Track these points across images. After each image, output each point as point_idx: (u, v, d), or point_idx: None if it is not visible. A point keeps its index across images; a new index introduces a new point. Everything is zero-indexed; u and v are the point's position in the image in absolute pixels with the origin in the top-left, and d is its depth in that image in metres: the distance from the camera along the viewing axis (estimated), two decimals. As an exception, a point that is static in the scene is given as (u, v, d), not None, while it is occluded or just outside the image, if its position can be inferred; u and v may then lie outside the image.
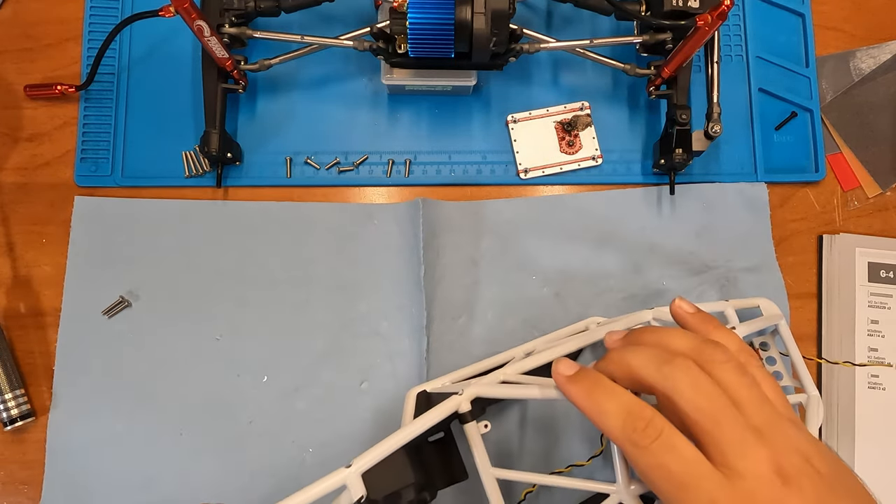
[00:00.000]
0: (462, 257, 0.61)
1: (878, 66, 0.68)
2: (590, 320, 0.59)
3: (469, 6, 0.52)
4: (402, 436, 0.43)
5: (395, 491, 0.43)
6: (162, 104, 0.63)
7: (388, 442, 0.43)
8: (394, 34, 0.55)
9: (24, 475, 0.58)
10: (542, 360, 0.50)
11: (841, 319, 0.62)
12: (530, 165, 0.63)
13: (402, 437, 0.43)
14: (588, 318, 0.60)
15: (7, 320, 0.60)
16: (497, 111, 0.64)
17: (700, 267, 0.62)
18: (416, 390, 0.52)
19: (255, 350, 0.59)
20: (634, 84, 0.65)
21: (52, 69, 0.63)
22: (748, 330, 0.51)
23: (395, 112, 0.64)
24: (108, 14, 0.64)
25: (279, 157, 0.63)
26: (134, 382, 0.58)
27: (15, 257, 0.61)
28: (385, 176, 0.63)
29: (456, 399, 0.46)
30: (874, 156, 0.66)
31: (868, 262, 0.63)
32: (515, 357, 0.56)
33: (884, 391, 0.61)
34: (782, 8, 0.67)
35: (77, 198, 0.61)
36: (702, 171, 0.64)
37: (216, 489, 0.57)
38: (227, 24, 0.58)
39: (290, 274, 0.61)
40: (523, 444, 0.59)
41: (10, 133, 0.63)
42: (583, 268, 0.62)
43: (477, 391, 0.47)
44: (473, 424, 0.47)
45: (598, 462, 0.57)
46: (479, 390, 0.47)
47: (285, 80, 0.64)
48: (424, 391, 0.52)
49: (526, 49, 0.58)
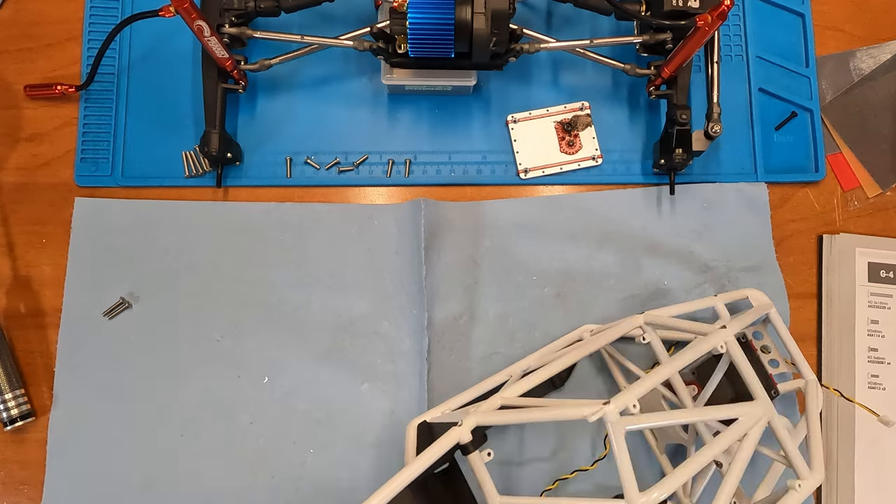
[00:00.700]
0: (463, 257, 0.61)
1: (878, 66, 0.68)
2: (583, 329, 0.59)
3: (469, 6, 0.52)
4: (405, 476, 0.44)
5: None
6: (162, 104, 0.63)
7: (392, 483, 0.43)
8: (394, 34, 0.55)
9: (24, 475, 0.58)
10: (539, 380, 0.50)
11: (841, 319, 0.62)
12: (530, 165, 0.63)
13: (406, 476, 0.44)
14: (589, 318, 0.60)
15: (7, 320, 0.60)
16: (497, 111, 0.64)
17: (700, 267, 0.62)
18: (416, 422, 0.52)
19: (255, 351, 0.59)
20: (634, 84, 0.65)
21: (52, 69, 0.63)
22: (740, 325, 0.51)
23: (395, 112, 0.64)
24: (108, 14, 0.64)
25: (279, 157, 0.63)
26: (134, 383, 0.58)
27: (15, 257, 0.61)
28: (385, 176, 0.63)
29: (457, 431, 0.46)
30: (874, 156, 0.66)
31: (868, 262, 0.63)
32: (512, 377, 0.55)
33: (884, 391, 0.61)
34: (782, 8, 0.67)
35: (77, 199, 0.61)
36: (702, 171, 0.64)
37: (217, 490, 0.57)
38: (227, 24, 0.58)
39: (291, 274, 0.61)
40: (525, 452, 0.59)
41: (10, 133, 0.62)
42: (583, 268, 0.62)
43: (477, 420, 0.46)
44: (476, 454, 0.47)
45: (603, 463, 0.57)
46: (480, 419, 0.47)
47: (285, 80, 0.64)
48: (425, 422, 0.52)
49: (526, 49, 0.58)
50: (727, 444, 0.45)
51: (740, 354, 0.49)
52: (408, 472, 0.44)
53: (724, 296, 0.57)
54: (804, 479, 0.47)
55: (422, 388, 0.59)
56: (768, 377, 0.55)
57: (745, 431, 0.46)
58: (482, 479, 0.47)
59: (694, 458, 0.43)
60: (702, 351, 0.49)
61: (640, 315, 0.54)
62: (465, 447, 0.47)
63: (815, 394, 0.52)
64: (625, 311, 0.61)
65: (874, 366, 0.62)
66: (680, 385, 0.53)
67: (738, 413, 0.46)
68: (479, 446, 0.47)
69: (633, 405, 0.42)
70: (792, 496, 0.47)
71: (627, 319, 0.54)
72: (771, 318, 0.55)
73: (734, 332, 0.50)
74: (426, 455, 0.45)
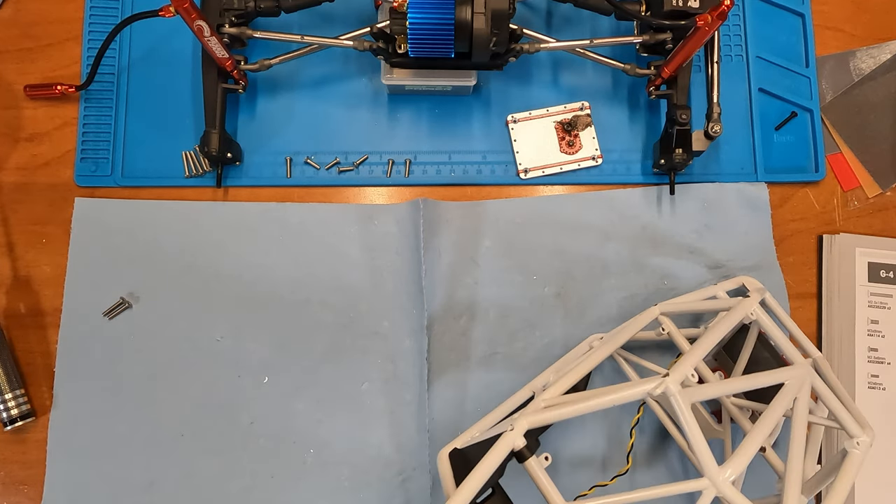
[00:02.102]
0: (463, 257, 0.61)
1: (878, 66, 0.68)
2: (592, 338, 0.59)
3: (469, 6, 0.52)
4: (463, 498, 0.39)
5: None
6: (162, 104, 0.63)
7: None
8: (394, 34, 0.55)
9: (24, 475, 0.58)
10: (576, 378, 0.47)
11: (841, 319, 0.62)
12: (530, 165, 0.63)
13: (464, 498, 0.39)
14: (589, 317, 0.60)
15: (7, 320, 0.60)
16: (497, 111, 0.64)
17: (701, 267, 0.62)
18: (446, 451, 0.47)
19: (255, 351, 0.59)
20: (634, 84, 0.65)
21: (52, 69, 0.63)
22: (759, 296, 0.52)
23: (395, 112, 0.64)
24: (108, 14, 0.64)
25: (279, 157, 0.63)
26: (134, 383, 0.58)
27: (15, 257, 0.61)
28: (385, 176, 0.63)
29: (510, 436, 0.41)
30: (874, 156, 0.66)
31: (868, 262, 0.63)
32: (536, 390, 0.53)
33: (884, 391, 0.61)
34: (782, 8, 0.67)
35: (77, 199, 0.61)
36: (702, 171, 0.64)
37: (217, 490, 0.57)
38: (227, 24, 0.58)
39: (290, 274, 0.61)
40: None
41: (10, 133, 0.62)
42: (583, 268, 0.62)
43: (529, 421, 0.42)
44: (534, 460, 0.43)
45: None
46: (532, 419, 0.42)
47: (285, 80, 0.64)
48: (455, 448, 0.47)
49: (526, 49, 0.58)
50: (783, 408, 0.44)
51: (769, 320, 0.50)
52: (460, 497, 0.39)
53: (723, 284, 0.59)
54: (858, 436, 0.45)
55: (422, 388, 0.59)
56: (779, 358, 0.55)
57: (794, 395, 0.46)
58: (544, 486, 0.42)
59: (757, 429, 0.42)
60: (734, 321, 0.49)
61: (656, 306, 0.54)
62: (520, 453, 0.42)
63: (828, 369, 0.52)
64: (625, 310, 0.61)
65: (874, 366, 0.62)
66: (707, 372, 0.53)
67: (784, 377, 0.46)
68: (534, 452, 0.43)
69: (693, 374, 0.41)
70: (854, 457, 0.45)
71: (644, 313, 0.54)
72: (767, 302, 0.55)
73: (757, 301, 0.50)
74: (481, 468, 0.40)
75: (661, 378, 0.40)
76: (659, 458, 0.59)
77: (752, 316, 0.50)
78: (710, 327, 0.49)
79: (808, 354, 0.53)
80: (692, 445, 0.39)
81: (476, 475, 0.40)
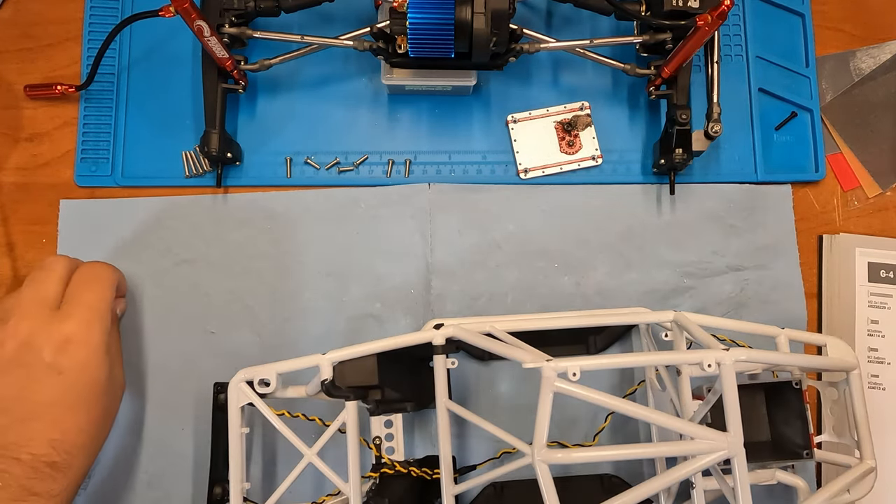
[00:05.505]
0: (486, 239, 0.61)
1: (878, 66, 0.68)
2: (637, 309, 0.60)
3: (469, 6, 0.52)
4: (374, 346, 0.49)
5: (359, 386, 0.49)
6: (162, 104, 0.63)
7: (361, 346, 0.48)
8: (394, 34, 0.55)
9: (25, 475, 0.58)
10: (532, 326, 0.53)
11: (841, 319, 0.62)
12: (530, 165, 0.63)
13: (374, 346, 0.49)
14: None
15: (7, 320, 0.60)
16: (497, 111, 0.64)
17: (719, 266, 0.62)
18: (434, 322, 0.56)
19: (252, 342, 0.59)
20: (634, 84, 0.65)
21: (52, 69, 0.63)
22: (766, 360, 0.47)
23: (395, 112, 0.64)
24: (108, 14, 0.64)
25: (279, 157, 0.63)
26: (133, 381, 0.58)
27: (15, 257, 0.61)
28: (385, 176, 0.63)
29: (433, 333, 0.50)
30: (874, 156, 0.66)
31: (868, 262, 0.63)
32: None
33: (884, 391, 0.61)
34: (782, 8, 0.67)
35: (62, 201, 0.61)
36: (702, 171, 0.64)
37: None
38: (227, 24, 0.58)
39: (283, 263, 0.61)
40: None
41: (10, 133, 0.62)
42: (604, 260, 0.62)
43: (454, 331, 0.50)
44: (442, 357, 0.51)
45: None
46: (457, 331, 0.50)
47: (285, 80, 0.64)
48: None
49: (526, 49, 0.58)
50: (674, 477, 0.43)
51: (731, 384, 0.43)
52: (379, 343, 0.49)
53: (793, 332, 0.53)
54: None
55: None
56: (807, 435, 0.52)
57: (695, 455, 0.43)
58: (439, 380, 0.50)
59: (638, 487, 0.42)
60: (686, 360, 0.46)
61: (673, 312, 0.54)
62: (435, 348, 0.50)
63: (867, 481, 0.50)
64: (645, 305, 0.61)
65: (874, 366, 0.62)
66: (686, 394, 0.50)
67: (694, 434, 0.43)
68: (447, 353, 0.51)
69: (574, 374, 0.42)
70: None
71: (661, 311, 0.55)
72: (850, 382, 0.51)
73: (736, 359, 0.43)
74: (399, 338, 0.49)
75: (543, 361, 0.43)
76: None
77: (706, 368, 0.44)
78: (661, 352, 0.50)
79: (862, 457, 0.51)
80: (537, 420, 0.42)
81: (390, 340, 0.49)
